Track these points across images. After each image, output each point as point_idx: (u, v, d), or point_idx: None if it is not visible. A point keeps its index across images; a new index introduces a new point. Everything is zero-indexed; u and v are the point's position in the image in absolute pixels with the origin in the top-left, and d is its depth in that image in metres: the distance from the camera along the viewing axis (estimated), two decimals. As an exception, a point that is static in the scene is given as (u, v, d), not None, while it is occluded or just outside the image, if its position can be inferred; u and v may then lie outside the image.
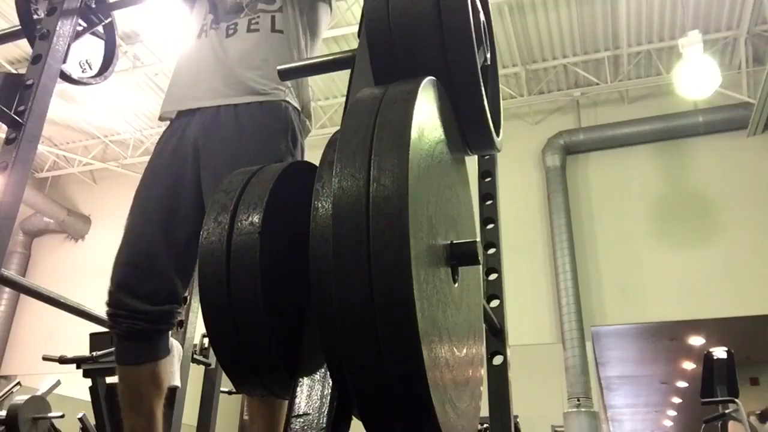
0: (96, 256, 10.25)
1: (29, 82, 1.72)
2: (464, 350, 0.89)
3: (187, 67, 1.81)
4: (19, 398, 2.97)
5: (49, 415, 3.01)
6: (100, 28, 2.30)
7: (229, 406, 4.61)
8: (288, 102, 1.71)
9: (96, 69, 2.30)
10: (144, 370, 1.59)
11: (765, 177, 7.63)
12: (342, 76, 7.63)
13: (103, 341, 2.77)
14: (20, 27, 2.07)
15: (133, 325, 1.55)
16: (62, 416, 3.08)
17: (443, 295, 0.80)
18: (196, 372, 3.15)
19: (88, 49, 2.26)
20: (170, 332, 1.76)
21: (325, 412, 0.80)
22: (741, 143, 7.87)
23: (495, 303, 1.79)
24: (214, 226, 0.92)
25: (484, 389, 1.03)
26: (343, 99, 1.35)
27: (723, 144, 7.96)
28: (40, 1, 2.07)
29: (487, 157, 1.96)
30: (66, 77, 2.13)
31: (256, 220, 0.90)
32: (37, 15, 2.07)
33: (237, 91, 1.68)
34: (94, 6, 2.21)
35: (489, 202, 1.92)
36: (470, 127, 1.06)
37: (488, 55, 1.19)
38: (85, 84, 2.25)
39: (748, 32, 7.56)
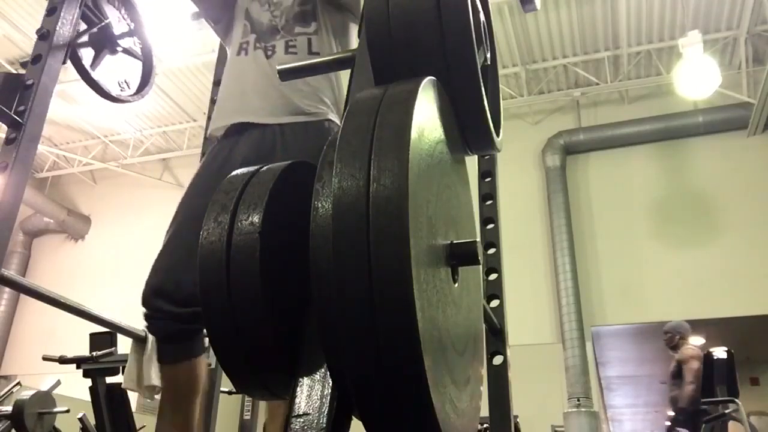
0: (96, 256, 10.26)
1: (29, 82, 1.72)
2: (464, 350, 0.89)
3: (232, 85, 1.86)
4: (25, 393, 2.98)
5: (55, 410, 3.02)
6: (138, 49, 2.44)
7: (229, 406, 4.61)
8: (331, 120, 1.77)
9: (134, 88, 2.42)
10: (181, 368, 1.68)
11: (765, 177, 7.63)
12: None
13: (103, 341, 2.77)
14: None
15: (169, 326, 1.61)
16: (67, 411, 3.09)
17: (443, 295, 0.80)
18: (196, 372, 3.14)
19: (126, 69, 2.38)
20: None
21: (325, 412, 0.80)
22: (741, 143, 7.87)
23: (495, 303, 1.79)
24: (214, 226, 0.92)
25: (484, 389, 1.03)
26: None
27: (723, 144, 7.96)
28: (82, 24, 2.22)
29: (487, 157, 1.96)
30: (106, 95, 2.26)
31: (256, 220, 0.90)
32: (78, 30, 2.16)
33: (282, 111, 1.73)
34: (130, 28, 2.40)
35: (489, 202, 1.92)
36: (470, 127, 1.06)
37: (488, 55, 1.19)
38: (123, 102, 2.36)
39: (748, 32, 7.56)
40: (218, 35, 2.07)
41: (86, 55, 2.22)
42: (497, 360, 1.75)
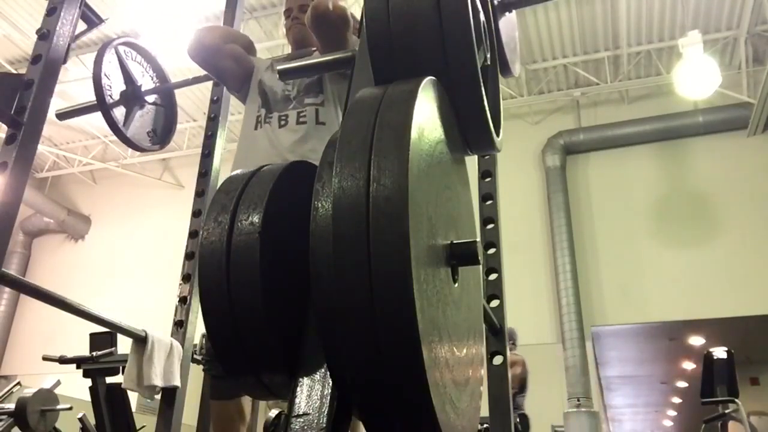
0: (96, 256, 10.26)
1: (29, 82, 1.72)
2: (464, 350, 0.89)
3: (245, 155, 2.02)
4: (28, 390, 2.98)
5: (58, 407, 3.02)
6: (159, 100, 2.63)
7: (229, 406, 4.59)
8: None
9: (160, 135, 2.64)
10: (231, 404, 1.98)
11: (765, 177, 7.63)
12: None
13: (103, 341, 2.76)
14: (95, 102, 2.41)
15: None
16: (70, 408, 3.09)
17: (443, 295, 0.79)
18: (196, 372, 3.15)
19: (151, 118, 2.61)
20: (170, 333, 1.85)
21: (325, 412, 0.80)
22: (741, 143, 7.87)
23: (495, 303, 1.79)
24: (214, 226, 0.92)
25: (484, 389, 1.03)
26: (344, 99, 1.44)
27: (723, 144, 7.96)
28: (113, 84, 2.44)
29: (487, 157, 1.96)
30: (139, 148, 2.52)
31: (256, 220, 0.90)
32: (110, 93, 2.42)
33: None
34: (154, 82, 2.62)
35: (489, 202, 1.92)
36: (470, 127, 1.06)
37: (488, 55, 1.19)
38: (149, 150, 2.62)
39: (748, 32, 7.56)
40: (241, 101, 2.22)
41: (119, 114, 2.42)
42: (497, 360, 1.75)
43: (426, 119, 0.82)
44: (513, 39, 1.53)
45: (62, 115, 2.65)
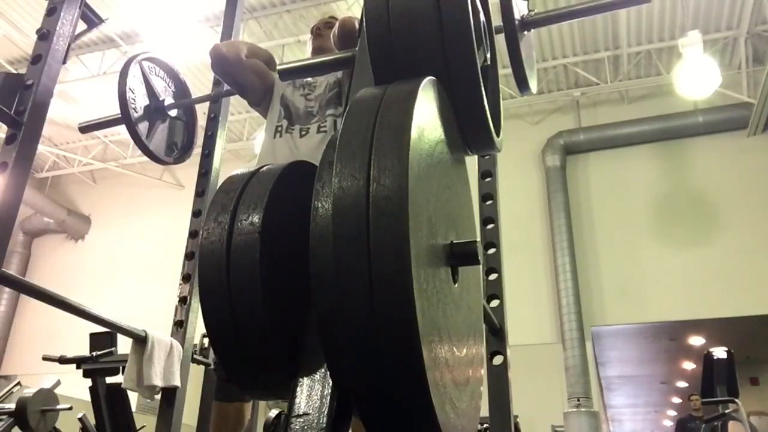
0: (96, 256, 10.26)
1: (29, 82, 1.72)
2: (464, 350, 0.89)
3: (265, 162, 2.09)
4: (28, 390, 2.98)
5: (58, 407, 3.03)
6: (181, 113, 2.70)
7: (229, 406, 4.59)
8: None
9: (181, 147, 2.71)
10: (232, 406, 2.11)
11: (765, 177, 7.63)
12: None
13: (103, 341, 2.76)
14: (119, 116, 2.44)
15: None
16: (70, 408, 3.09)
17: (443, 295, 0.79)
18: (196, 372, 3.15)
19: (172, 131, 2.68)
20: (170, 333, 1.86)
21: (325, 412, 0.80)
22: (741, 143, 7.87)
23: (495, 303, 1.79)
24: (214, 226, 0.92)
25: (484, 389, 1.03)
26: (344, 99, 1.44)
27: (723, 144, 7.96)
28: (137, 96, 2.49)
29: (487, 157, 1.96)
30: (162, 161, 2.58)
31: (256, 220, 0.90)
32: (134, 105, 2.45)
33: None
34: (175, 96, 2.69)
35: (489, 202, 1.92)
36: (470, 127, 1.06)
37: (488, 55, 1.19)
38: (171, 163, 2.67)
39: (748, 32, 7.56)
40: (261, 115, 2.29)
41: (142, 127, 2.48)
42: (497, 360, 1.75)
43: (426, 119, 0.82)
44: (531, 57, 1.52)
45: (85, 128, 2.69)
